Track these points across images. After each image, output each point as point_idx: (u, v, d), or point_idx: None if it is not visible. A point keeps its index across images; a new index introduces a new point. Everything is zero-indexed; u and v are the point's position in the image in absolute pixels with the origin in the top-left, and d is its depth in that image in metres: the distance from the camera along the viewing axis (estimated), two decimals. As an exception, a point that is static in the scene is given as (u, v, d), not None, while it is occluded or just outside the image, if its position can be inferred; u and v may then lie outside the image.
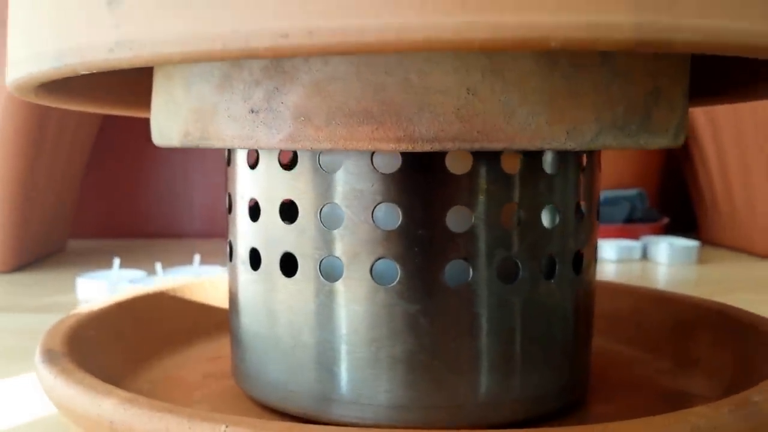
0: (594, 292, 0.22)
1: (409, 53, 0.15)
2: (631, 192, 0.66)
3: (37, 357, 0.19)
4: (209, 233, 0.73)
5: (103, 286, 0.42)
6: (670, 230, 0.71)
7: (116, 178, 0.73)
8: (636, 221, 0.66)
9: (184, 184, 0.73)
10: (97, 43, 0.14)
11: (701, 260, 0.61)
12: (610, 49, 0.12)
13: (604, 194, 0.66)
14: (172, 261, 0.56)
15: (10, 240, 0.51)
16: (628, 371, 0.26)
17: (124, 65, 0.14)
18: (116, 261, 0.44)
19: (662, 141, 0.19)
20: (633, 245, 0.61)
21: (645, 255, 0.61)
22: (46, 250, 0.59)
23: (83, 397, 0.16)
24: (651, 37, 0.12)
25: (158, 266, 0.43)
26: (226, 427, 0.14)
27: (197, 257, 0.47)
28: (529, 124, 0.16)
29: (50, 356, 0.19)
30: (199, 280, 0.30)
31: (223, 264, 0.53)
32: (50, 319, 0.38)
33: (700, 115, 0.67)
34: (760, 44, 0.13)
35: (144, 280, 0.42)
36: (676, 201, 0.78)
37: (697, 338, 0.26)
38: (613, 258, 0.60)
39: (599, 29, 0.12)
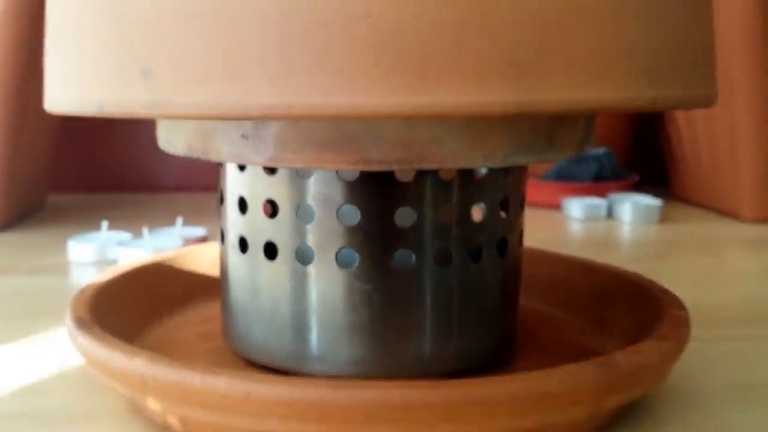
0: (519, 270, 0.29)
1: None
2: (599, 151, 0.72)
3: (70, 324, 0.26)
4: (187, 186, 0.80)
5: (93, 249, 0.48)
6: (641, 187, 0.78)
7: (92, 131, 0.79)
8: (605, 179, 0.73)
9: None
10: (133, 101, 0.20)
11: (664, 219, 0.68)
12: (498, 116, 0.19)
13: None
14: (155, 220, 0.62)
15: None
16: (556, 332, 0.33)
17: (152, 117, 0.20)
18: (104, 224, 0.51)
19: (566, 155, 0.25)
20: (599, 203, 0.67)
21: (610, 213, 0.68)
22: (31, 206, 0.65)
23: (119, 357, 0.23)
24: (526, 110, 0.19)
25: (145, 230, 0.50)
26: (234, 376, 0.21)
27: (180, 219, 0.54)
28: (454, 150, 0.23)
29: (81, 323, 0.26)
30: (189, 250, 0.37)
31: (203, 224, 0.60)
32: (47, 282, 0.44)
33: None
34: (613, 107, 0.20)
35: (131, 243, 0.49)
36: (649, 158, 0.85)
37: (615, 305, 0.33)
38: (580, 216, 0.67)
39: (489, 107, 0.19)
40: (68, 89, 0.22)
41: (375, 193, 0.25)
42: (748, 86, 0.63)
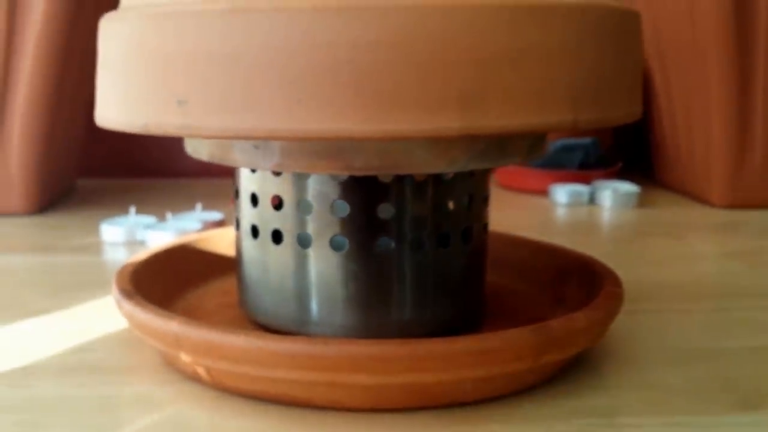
0: (482, 252, 0.35)
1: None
2: (586, 140, 0.78)
3: (116, 294, 0.32)
4: (205, 173, 0.86)
5: (122, 231, 0.54)
6: (624, 175, 0.84)
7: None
8: (590, 167, 0.78)
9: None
10: (170, 123, 0.26)
11: (642, 204, 0.73)
12: (447, 139, 0.25)
13: (561, 142, 0.78)
14: (177, 205, 0.69)
15: (36, 176, 0.63)
16: (521, 304, 0.39)
17: (185, 137, 0.26)
18: (132, 209, 0.57)
19: (516, 160, 0.31)
20: (582, 190, 0.73)
21: (593, 199, 0.74)
22: (63, 191, 0.71)
23: (158, 320, 0.29)
24: (470, 134, 0.25)
25: (168, 214, 0.56)
26: (250, 335, 0.27)
27: (199, 205, 0.60)
28: (422, 158, 0.28)
29: (126, 293, 0.32)
30: (210, 234, 0.43)
31: (220, 209, 0.66)
32: (84, 259, 0.51)
33: (650, 57, 0.78)
34: (540, 129, 0.26)
35: (157, 226, 0.55)
36: (634, 146, 0.90)
37: (570, 282, 0.39)
38: (564, 202, 0.73)
39: (441, 131, 0.24)
40: (118, 111, 0.28)
41: (361, 191, 0.31)
42: (720, 75, 0.67)
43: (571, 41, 0.26)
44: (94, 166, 0.84)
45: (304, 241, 0.32)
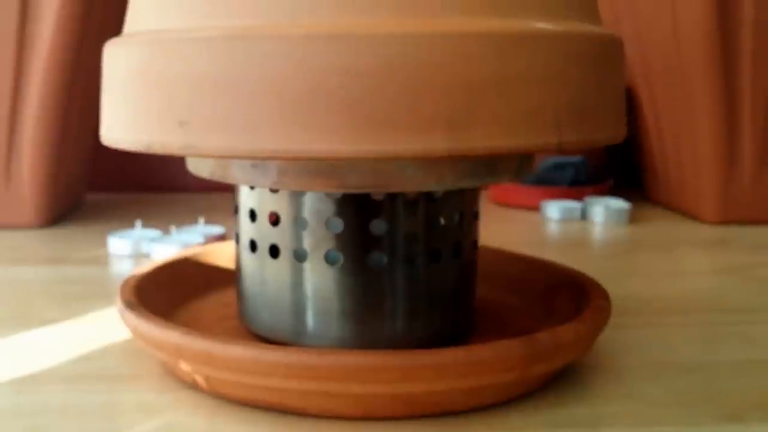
0: (472, 267, 0.36)
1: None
2: (576, 159, 0.79)
3: (120, 305, 0.33)
4: (206, 188, 0.87)
5: (129, 244, 0.55)
6: (617, 191, 0.84)
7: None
8: (581, 184, 0.79)
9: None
10: (172, 143, 0.27)
11: (634, 220, 0.74)
12: (436, 159, 0.25)
13: (553, 160, 0.79)
14: (180, 218, 0.69)
15: (46, 192, 0.64)
16: (511, 317, 0.40)
17: (187, 155, 0.27)
18: (138, 223, 0.58)
19: (506, 178, 0.32)
20: (574, 206, 0.74)
21: (585, 215, 0.74)
22: (73, 204, 0.72)
23: (159, 331, 0.29)
24: (457, 155, 0.25)
25: (172, 228, 0.57)
26: (246, 346, 0.27)
27: (201, 219, 0.61)
28: (413, 177, 0.29)
29: (129, 305, 0.33)
30: (211, 248, 0.43)
31: (221, 223, 0.67)
32: (92, 271, 0.51)
33: (637, 76, 0.79)
34: (525, 150, 0.26)
35: (161, 239, 0.56)
36: (627, 163, 0.91)
37: (558, 296, 0.40)
38: (557, 218, 0.74)
39: (430, 152, 0.25)
40: (122, 131, 0.29)
41: (355, 208, 0.32)
42: (706, 94, 0.68)
43: (556, 67, 0.26)
44: (101, 181, 0.85)
45: (300, 256, 0.33)
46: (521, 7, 0.26)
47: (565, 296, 0.39)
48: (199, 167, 0.32)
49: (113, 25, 0.70)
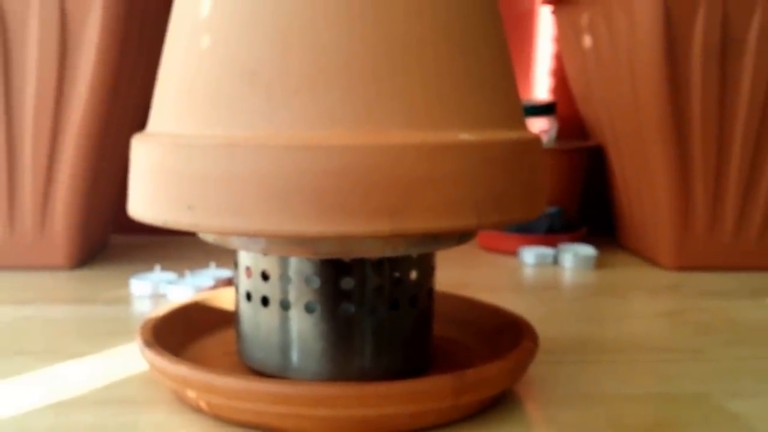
0: (428, 314, 0.43)
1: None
2: (553, 210, 0.86)
3: (140, 343, 0.41)
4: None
5: (149, 286, 0.63)
6: (589, 238, 0.91)
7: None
8: (555, 232, 0.86)
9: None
10: (183, 222, 0.34)
11: (601, 265, 0.81)
12: (381, 238, 0.33)
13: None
14: (194, 261, 0.77)
15: (76, 237, 0.71)
16: (464, 355, 0.47)
17: (195, 231, 0.35)
18: (157, 266, 0.66)
19: (450, 244, 0.39)
20: (547, 252, 0.81)
21: (557, 261, 0.81)
22: (100, 246, 0.80)
23: (171, 365, 0.37)
24: (397, 234, 0.33)
25: (187, 272, 0.65)
26: (239, 378, 0.35)
27: (213, 263, 0.69)
28: (371, 246, 0.37)
29: (148, 343, 0.40)
30: (218, 293, 0.51)
31: (230, 267, 0.74)
32: (116, 309, 0.59)
33: (607, 136, 0.87)
34: (451, 231, 0.34)
35: (177, 281, 0.64)
36: (601, 212, 0.98)
37: (504, 337, 0.47)
38: (531, 262, 0.81)
39: (376, 232, 0.33)
40: (144, 209, 0.37)
41: (328, 268, 0.39)
42: (661, 153, 0.75)
43: (475, 169, 0.34)
44: (124, 223, 0.93)
45: (285, 305, 0.40)
46: (449, 121, 0.34)
47: (507, 338, 0.46)
48: (205, 236, 0.40)
49: (139, 89, 0.79)
